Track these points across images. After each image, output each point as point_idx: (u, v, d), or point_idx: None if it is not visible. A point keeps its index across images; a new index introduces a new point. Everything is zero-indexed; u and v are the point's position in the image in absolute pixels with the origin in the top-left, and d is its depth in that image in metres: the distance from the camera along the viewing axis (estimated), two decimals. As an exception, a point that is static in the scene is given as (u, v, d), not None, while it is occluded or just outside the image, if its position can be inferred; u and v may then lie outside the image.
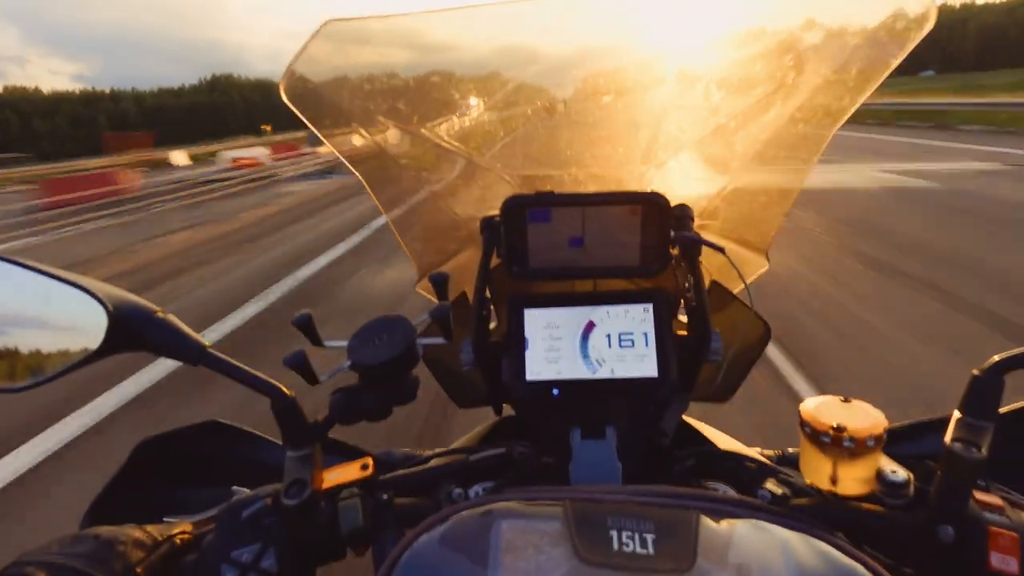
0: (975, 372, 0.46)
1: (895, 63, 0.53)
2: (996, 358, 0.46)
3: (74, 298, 0.49)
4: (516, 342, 0.61)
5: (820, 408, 0.50)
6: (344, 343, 0.54)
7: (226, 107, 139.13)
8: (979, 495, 0.46)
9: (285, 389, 0.52)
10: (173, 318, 0.52)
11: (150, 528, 0.50)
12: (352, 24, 0.53)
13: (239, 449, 0.66)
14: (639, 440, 0.60)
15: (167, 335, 0.51)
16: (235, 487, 0.58)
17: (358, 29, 0.55)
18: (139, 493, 0.61)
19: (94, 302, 0.48)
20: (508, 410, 0.70)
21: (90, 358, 0.49)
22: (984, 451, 0.44)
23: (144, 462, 0.62)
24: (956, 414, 0.47)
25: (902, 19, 0.51)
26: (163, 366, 3.61)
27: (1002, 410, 0.47)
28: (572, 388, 0.60)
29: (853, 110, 0.58)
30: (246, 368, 0.52)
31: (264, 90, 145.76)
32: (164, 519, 0.56)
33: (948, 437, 0.46)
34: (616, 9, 0.58)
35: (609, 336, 0.61)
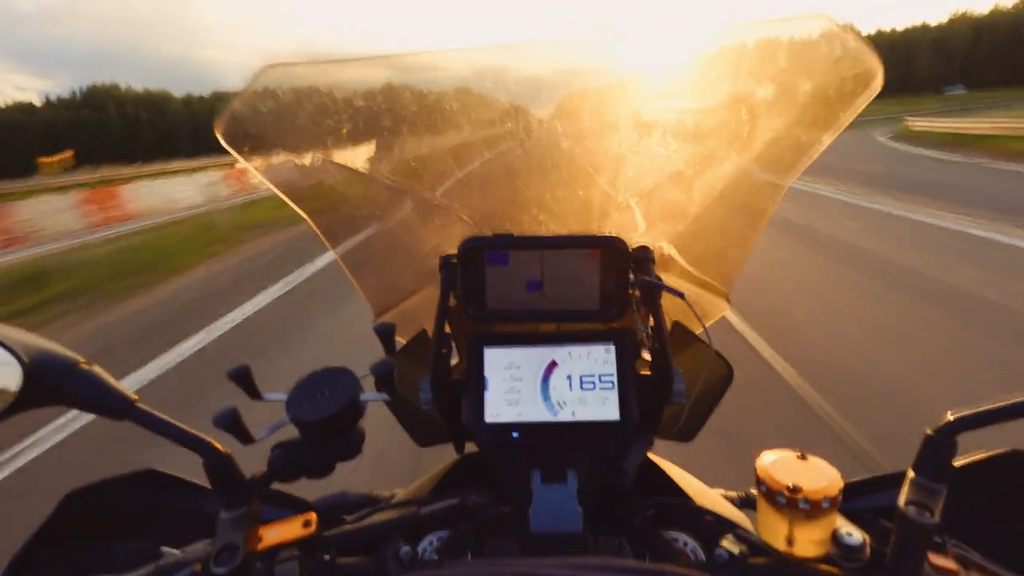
0: (928, 432, 0.46)
1: (845, 123, 0.53)
2: (950, 418, 0.45)
3: None
4: (475, 383, 0.60)
5: (776, 465, 0.49)
6: (283, 396, 0.51)
7: (98, 126, 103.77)
8: (934, 558, 0.45)
9: (218, 445, 0.50)
10: (99, 370, 0.49)
11: None
12: (296, 67, 0.52)
13: (177, 500, 0.63)
14: (601, 483, 0.59)
15: (90, 388, 0.48)
16: (164, 548, 0.54)
17: (302, 72, 0.53)
18: (64, 550, 0.57)
19: (5, 353, 0.45)
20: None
21: (1, 415, 0.46)
22: (937, 515, 0.43)
23: (72, 515, 0.58)
24: (910, 474, 0.47)
25: (849, 81, 0.51)
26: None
27: (956, 463, 0.46)
28: (532, 431, 0.58)
29: (806, 166, 0.58)
30: (176, 423, 0.49)
31: (156, 105, 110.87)
32: None
33: (902, 500, 0.45)
34: (573, 57, 0.58)
35: (570, 378, 0.59)
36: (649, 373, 0.64)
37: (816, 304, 4.35)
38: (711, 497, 0.63)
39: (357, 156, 0.66)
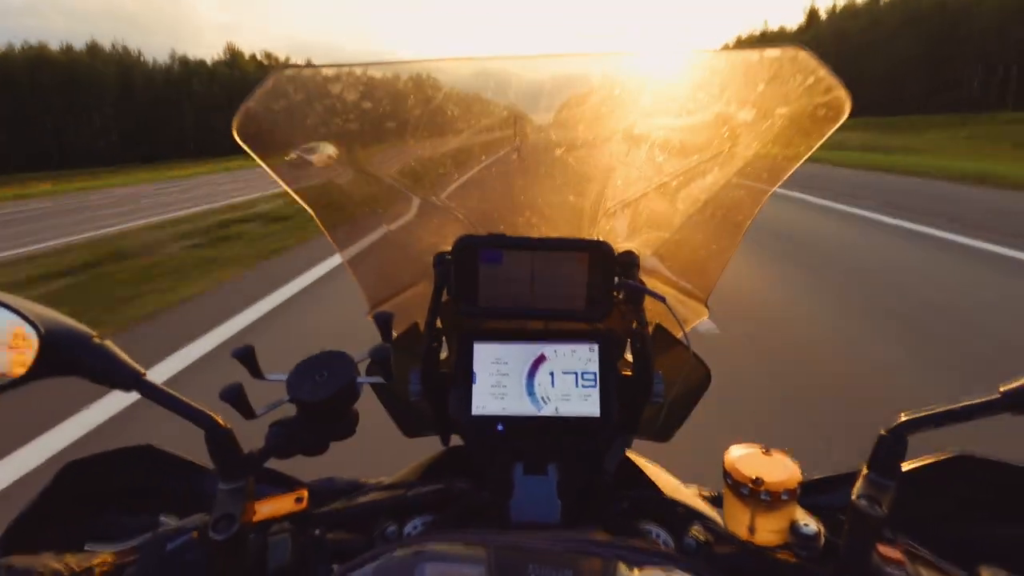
0: (882, 432, 0.50)
1: (816, 145, 0.58)
2: (902, 418, 0.49)
3: (3, 319, 0.48)
4: (464, 376, 0.63)
5: (742, 459, 0.52)
6: (284, 376, 0.54)
7: None
8: (883, 549, 0.49)
9: (220, 420, 0.52)
10: (110, 344, 0.52)
11: (68, 558, 0.49)
12: (306, 71, 0.55)
13: (172, 476, 0.65)
14: (580, 478, 0.62)
15: (102, 361, 0.50)
16: (163, 517, 0.57)
17: (312, 76, 0.57)
18: (61, 519, 0.59)
19: (25, 324, 0.48)
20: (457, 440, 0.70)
21: (16, 382, 0.48)
22: (886, 508, 0.47)
23: (69, 486, 0.60)
24: (864, 471, 0.50)
25: (821, 108, 0.56)
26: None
27: (904, 467, 0.50)
28: (516, 424, 0.61)
29: (780, 182, 0.63)
30: (181, 397, 0.52)
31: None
32: (86, 547, 0.54)
33: (854, 493, 0.48)
34: (572, 70, 0.62)
35: (554, 374, 0.62)
36: (631, 374, 0.67)
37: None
38: (684, 493, 0.66)
39: (362, 156, 0.70)
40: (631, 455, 0.69)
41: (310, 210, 0.67)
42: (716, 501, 0.68)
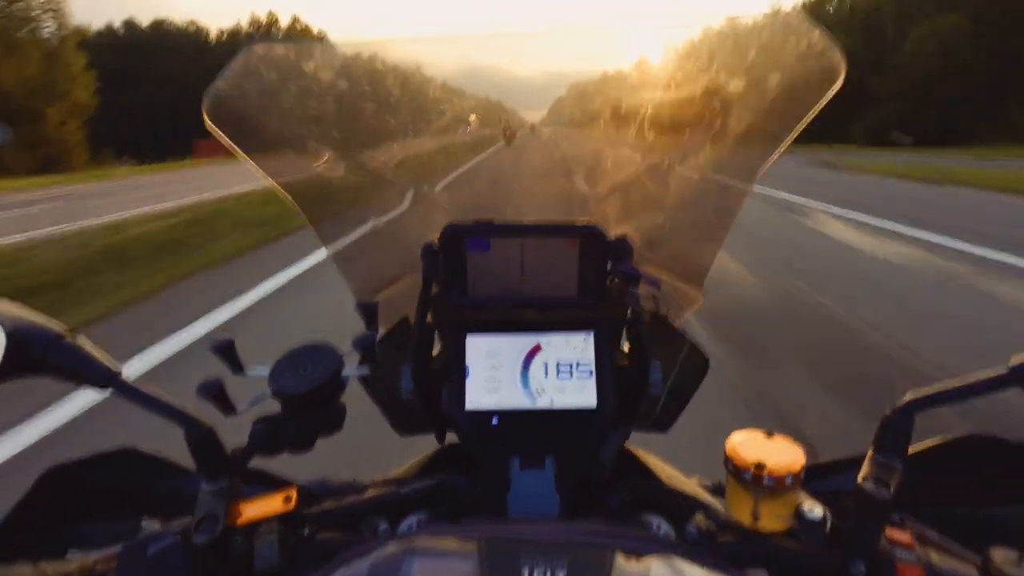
0: (886, 412, 0.48)
1: (810, 114, 0.55)
2: (907, 397, 0.47)
3: None
4: (456, 371, 0.61)
5: (743, 444, 0.51)
6: (266, 371, 0.52)
7: None
8: (891, 532, 0.47)
9: (201, 418, 0.50)
10: (84, 340, 0.50)
11: (45, 565, 0.47)
12: (279, 49, 0.53)
13: (156, 478, 0.63)
14: (578, 470, 0.60)
15: (73, 359, 0.48)
16: (144, 521, 0.55)
17: (286, 54, 0.54)
18: (42, 527, 0.57)
19: None
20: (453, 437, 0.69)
21: None
22: (893, 490, 0.45)
23: (49, 492, 0.58)
24: (870, 453, 0.49)
25: (815, 75, 0.53)
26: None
27: (911, 449, 0.48)
28: (511, 418, 0.59)
29: (772, 160, 0.60)
30: (160, 396, 0.50)
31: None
32: (68, 555, 0.53)
33: (860, 476, 0.47)
34: (553, 46, 0.60)
35: (548, 365, 0.61)
36: (627, 363, 0.65)
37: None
38: (685, 483, 0.64)
39: (341, 141, 0.67)
40: (629, 446, 0.68)
41: (290, 200, 0.65)
42: (718, 491, 0.67)
